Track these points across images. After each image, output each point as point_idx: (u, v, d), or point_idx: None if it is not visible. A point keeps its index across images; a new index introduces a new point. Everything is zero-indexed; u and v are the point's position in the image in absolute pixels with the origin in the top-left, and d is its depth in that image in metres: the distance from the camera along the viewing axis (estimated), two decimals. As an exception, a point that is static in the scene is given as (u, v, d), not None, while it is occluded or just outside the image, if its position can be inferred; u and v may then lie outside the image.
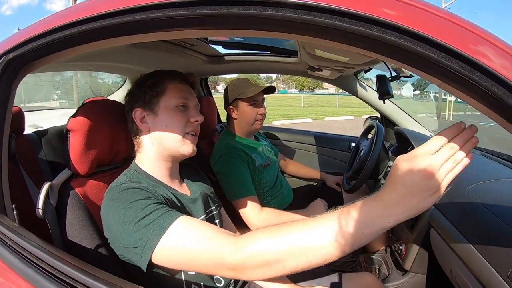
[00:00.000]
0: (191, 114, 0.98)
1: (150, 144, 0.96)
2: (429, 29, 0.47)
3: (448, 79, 0.52)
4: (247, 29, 0.58)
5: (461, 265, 0.93)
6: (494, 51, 0.47)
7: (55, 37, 0.71)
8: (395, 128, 1.98)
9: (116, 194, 0.83)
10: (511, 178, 1.08)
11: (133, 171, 0.95)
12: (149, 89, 0.96)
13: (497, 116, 0.51)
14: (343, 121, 14.86)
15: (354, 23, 0.48)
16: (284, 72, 2.18)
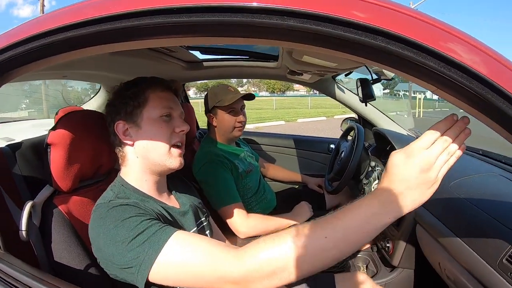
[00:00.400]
0: (176, 124, 0.94)
1: (135, 157, 0.92)
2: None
3: (442, 86, 0.54)
4: (247, 37, 0.57)
5: (450, 258, 0.97)
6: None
7: (36, 45, 0.65)
8: (374, 129, 2.04)
9: (105, 213, 0.78)
10: (491, 173, 1.14)
11: (119, 186, 0.91)
12: (130, 100, 0.91)
13: (493, 123, 0.54)
14: (316, 122, 15.14)
15: (359, 34, 0.49)
16: (263, 77, 2.19)
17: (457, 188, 1.09)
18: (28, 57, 0.69)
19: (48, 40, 0.63)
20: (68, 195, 0.95)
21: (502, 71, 0.50)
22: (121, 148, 0.94)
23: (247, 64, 1.93)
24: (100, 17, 0.57)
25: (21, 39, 0.65)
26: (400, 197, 0.59)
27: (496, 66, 0.50)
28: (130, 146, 0.92)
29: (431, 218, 1.10)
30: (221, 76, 2.11)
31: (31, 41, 0.65)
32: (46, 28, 0.62)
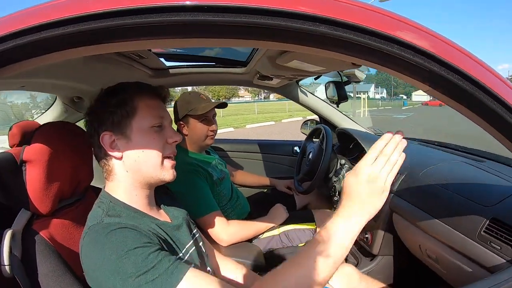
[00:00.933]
0: (168, 134, 0.87)
1: (125, 171, 0.84)
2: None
3: (436, 85, 0.62)
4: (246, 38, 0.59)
5: (430, 239, 1.07)
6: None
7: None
8: (338, 129, 2.17)
9: (103, 238, 0.70)
10: (452, 160, 1.29)
11: (108, 203, 0.82)
12: (117, 109, 0.82)
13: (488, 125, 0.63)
14: (265, 127, 15.41)
15: (374, 40, 0.55)
16: (229, 83, 2.20)
17: (427, 176, 1.21)
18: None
19: (5, 46, 0.56)
20: (48, 219, 0.86)
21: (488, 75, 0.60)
22: (106, 161, 0.84)
23: (214, 71, 1.92)
24: (63, 19, 0.53)
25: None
26: (359, 208, 0.68)
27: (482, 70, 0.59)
28: (118, 159, 0.83)
29: (407, 205, 1.21)
30: (187, 83, 2.08)
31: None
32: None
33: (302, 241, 1.72)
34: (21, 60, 0.61)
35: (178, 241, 0.89)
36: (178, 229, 0.92)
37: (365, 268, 1.45)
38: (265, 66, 1.38)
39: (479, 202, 0.93)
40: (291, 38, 0.57)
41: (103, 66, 1.28)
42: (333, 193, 1.93)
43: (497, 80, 0.60)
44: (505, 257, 0.77)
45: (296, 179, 2.09)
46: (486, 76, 0.59)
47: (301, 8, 0.53)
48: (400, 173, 1.34)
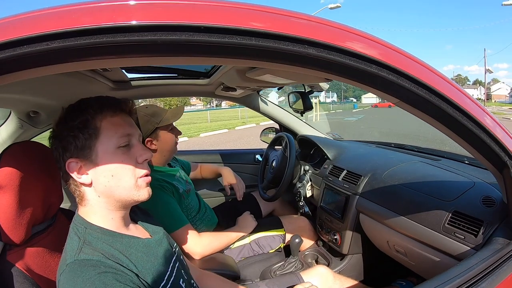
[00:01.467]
0: (138, 153, 0.80)
1: (97, 197, 0.78)
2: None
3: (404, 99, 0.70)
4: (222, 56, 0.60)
5: (397, 234, 1.17)
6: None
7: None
8: (299, 136, 2.25)
9: (81, 284, 0.66)
10: (411, 161, 1.41)
11: (83, 229, 0.76)
12: (79, 132, 0.75)
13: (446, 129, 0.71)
14: (219, 135, 15.35)
15: (345, 58, 0.60)
16: (191, 94, 2.18)
17: (389, 177, 1.31)
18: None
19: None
20: (22, 248, 0.80)
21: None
22: (77, 187, 0.79)
23: (177, 82, 1.90)
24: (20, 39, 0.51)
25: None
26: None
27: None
28: (88, 186, 0.77)
29: (373, 205, 1.30)
30: (149, 95, 2.02)
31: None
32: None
33: (273, 247, 1.76)
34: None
35: (164, 257, 0.86)
36: (160, 244, 0.90)
37: (336, 267, 1.52)
38: (232, 78, 1.40)
39: (441, 198, 1.04)
40: (258, 55, 0.59)
41: (62, 79, 1.21)
42: (298, 199, 2.00)
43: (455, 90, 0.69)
44: (469, 244, 0.88)
45: (261, 187, 2.13)
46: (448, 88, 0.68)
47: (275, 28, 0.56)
48: (363, 176, 1.44)
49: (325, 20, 0.61)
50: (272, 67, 0.68)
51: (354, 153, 1.76)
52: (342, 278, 1.32)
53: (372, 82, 0.67)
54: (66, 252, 0.73)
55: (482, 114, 0.70)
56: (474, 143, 0.72)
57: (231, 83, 1.55)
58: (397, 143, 1.77)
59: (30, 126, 1.49)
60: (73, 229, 0.78)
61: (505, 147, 0.70)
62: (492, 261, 0.70)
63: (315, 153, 2.18)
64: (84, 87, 1.40)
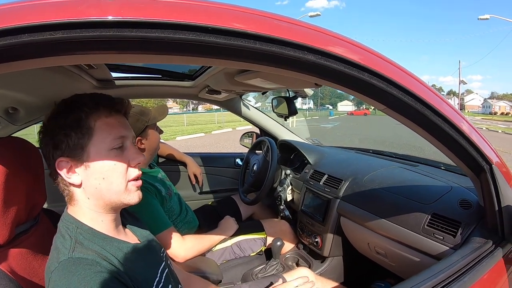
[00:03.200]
0: (131, 156, 0.79)
1: (86, 198, 0.76)
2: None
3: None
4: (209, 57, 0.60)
5: (378, 236, 1.21)
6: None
7: None
8: (280, 141, 2.29)
9: (76, 283, 0.64)
10: (390, 166, 1.47)
11: (74, 228, 0.74)
12: (71, 131, 0.73)
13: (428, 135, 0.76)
14: (195, 139, 15.19)
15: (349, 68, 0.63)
16: (174, 96, 2.16)
17: (370, 181, 1.37)
18: None
19: None
20: (5, 249, 0.76)
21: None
22: (66, 186, 0.76)
23: (161, 84, 1.88)
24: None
25: None
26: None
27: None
28: (78, 186, 0.75)
29: (354, 208, 1.34)
30: (132, 95, 1.98)
31: None
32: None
33: (254, 250, 1.77)
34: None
35: (152, 263, 0.85)
36: (149, 249, 0.88)
37: (317, 270, 1.55)
38: (219, 81, 1.41)
39: (420, 201, 1.09)
40: (251, 58, 0.61)
41: (46, 74, 1.17)
42: (279, 202, 2.03)
43: (437, 98, 0.74)
44: (448, 244, 0.93)
45: (241, 190, 2.14)
46: (430, 96, 0.73)
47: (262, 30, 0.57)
48: (344, 180, 1.49)
49: (324, 30, 0.64)
50: (265, 70, 0.69)
51: (334, 158, 1.81)
52: (324, 280, 1.35)
53: (362, 89, 0.71)
54: (58, 249, 0.71)
55: (460, 120, 0.75)
56: (453, 148, 0.78)
57: (217, 86, 1.56)
58: (376, 149, 1.84)
59: (8, 123, 1.43)
60: (63, 227, 0.75)
61: (482, 153, 0.76)
62: (471, 258, 0.75)
63: (295, 157, 2.21)
64: (67, 84, 1.35)
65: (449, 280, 0.69)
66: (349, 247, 1.46)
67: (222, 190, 2.50)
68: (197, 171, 2.31)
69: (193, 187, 2.41)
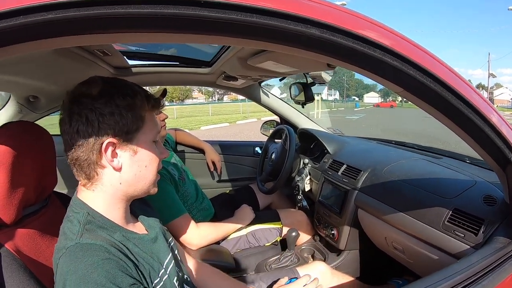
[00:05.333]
0: (161, 150, 0.81)
1: (117, 184, 0.74)
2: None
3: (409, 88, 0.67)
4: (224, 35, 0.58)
5: (396, 231, 1.15)
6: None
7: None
8: (299, 129, 2.23)
9: (83, 269, 0.63)
10: (412, 158, 1.39)
11: (84, 214, 0.72)
12: (128, 113, 0.71)
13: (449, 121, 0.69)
14: (220, 129, 15.32)
15: (348, 40, 0.57)
16: (191, 83, 2.15)
17: (390, 172, 1.29)
18: None
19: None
20: (13, 229, 0.78)
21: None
22: (94, 169, 0.72)
23: (178, 71, 1.87)
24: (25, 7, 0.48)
25: None
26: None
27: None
28: (115, 172, 0.73)
29: (373, 201, 1.28)
30: (149, 83, 2.00)
31: None
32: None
33: (269, 240, 1.74)
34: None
35: (158, 255, 0.84)
36: (155, 241, 0.86)
37: (332, 263, 1.50)
38: (234, 66, 1.37)
39: (441, 195, 1.01)
40: (263, 35, 0.57)
41: (62, 61, 1.19)
42: (296, 192, 1.98)
43: (463, 83, 0.67)
44: (469, 243, 0.85)
45: (259, 179, 2.11)
46: (454, 79, 0.65)
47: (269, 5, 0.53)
48: (363, 171, 1.42)
49: (333, 4, 0.59)
50: (275, 49, 0.65)
51: (354, 148, 1.74)
52: (340, 275, 1.30)
53: (375, 68, 0.65)
54: (66, 235, 0.70)
55: (490, 111, 0.68)
56: (478, 138, 0.70)
57: (232, 71, 1.53)
58: (398, 140, 1.75)
59: (30, 111, 1.48)
60: (71, 212, 0.74)
61: (510, 144, 0.67)
62: (493, 260, 0.68)
63: (315, 147, 2.15)
64: (84, 71, 1.38)
65: (467, 282, 0.63)
66: (366, 240, 1.40)
67: (240, 179, 2.49)
68: (216, 158, 2.30)
69: (211, 174, 2.41)
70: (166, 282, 0.80)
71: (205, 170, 2.38)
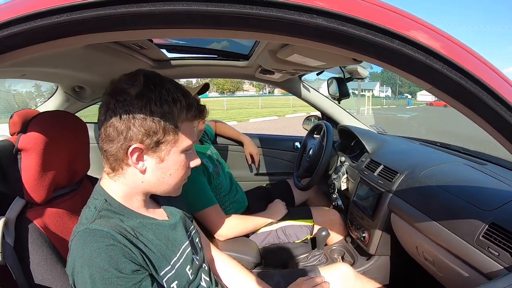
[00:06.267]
0: (192, 158, 0.81)
1: (140, 182, 0.77)
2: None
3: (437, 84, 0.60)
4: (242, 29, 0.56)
5: (427, 241, 1.06)
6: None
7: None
8: (340, 126, 2.14)
9: (88, 253, 0.66)
10: (454, 162, 1.26)
11: (102, 201, 0.76)
12: (160, 123, 0.70)
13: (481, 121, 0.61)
14: (268, 122, 15.37)
15: (361, 30, 0.53)
16: (230, 76, 2.17)
17: (428, 177, 1.19)
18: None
19: (13, 31, 0.54)
20: (42, 208, 0.85)
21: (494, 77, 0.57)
22: (121, 163, 0.74)
23: (216, 64, 1.90)
24: (70, 5, 0.51)
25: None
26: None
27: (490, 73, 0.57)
28: (138, 172, 0.75)
29: (406, 206, 1.19)
30: (189, 75, 2.06)
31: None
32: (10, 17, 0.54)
33: (299, 237, 1.71)
34: (17, 48, 0.59)
35: (174, 242, 0.86)
36: (174, 228, 0.89)
37: (361, 267, 1.44)
38: (267, 60, 1.36)
39: (479, 206, 0.91)
40: (286, 30, 0.55)
41: (103, 56, 1.27)
42: (332, 191, 1.92)
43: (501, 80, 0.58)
44: (503, 263, 0.75)
45: (296, 175, 2.08)
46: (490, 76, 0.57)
47: None
48: (399, 173, 1.32)
49: None
50: (295, 43, 0.62)
51: (394, 148, 1.63)
52: (365, 279, 1.23)
53: (394, 61, 0.59)
54: (81, 220, 0.75)
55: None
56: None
57: (267, 65, 1.51)
58: (444, 142, 1.60)
59: (76, 100, 1.60)
60: (91, 198, 0.80)
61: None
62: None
63: (355, 145, 2.06)
64: (123, 64, 1.46)
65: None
66: (398, 247, 1.31)
67: (278, 173, 2.47)
68: (254, 151, 2.31)
69: (249, 167, 2.42)
70: (178, 270, 0.82)
71: (243, 163, 2.40)
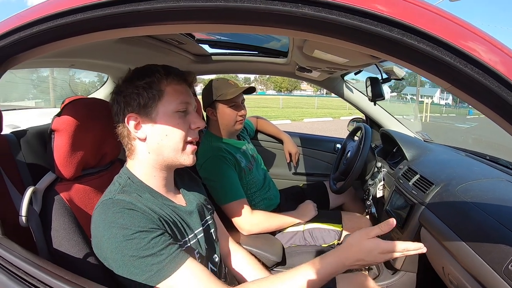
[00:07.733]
0: (192, 120, 0.89)
1: (147, 153, 0.87)
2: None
3: (457, 83, 0.53)
4: (257, 25, 0.56)
5: (454, 263, 0.95)
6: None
7: (42, 28, 0.65)
8: (381, 130, 2.02)
9: (111, 215, 0.76)
10: (498, 178, 1.12)
11: (126, 178, 0.86)
12: (144, 91, 0.84)
13: (502, 120, 0.53)
14: (322, 122, 15.04)
15: (375, 25, 0.48)
16: (271, 73, 2.17)
17: (464, 191, 1.07)
18: (34, 41, 0.68)
19: (56, 23, 0.62)
20: (70, 183, 0.94)
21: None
22: (129, 140, 0.88)
23: (256, 60, 1.91)
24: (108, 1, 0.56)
25: (28, 21, 0.65)
26: (356, 261, 0.79)
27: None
28: (142, 141, 0.86)
29: (437, 220, 1.08)
30: (229, 70, 2.10)
31: (38, 24, 0.64)
32: (54, 11, 0.61)
33: (326, 241, 1.66)
34: (53, 41, 0.68)
35: (188, 225, 0.91)
36: (190, 214, 0.94)
37: (385, 281, 1.35)
38: (298, 57, 1.33)
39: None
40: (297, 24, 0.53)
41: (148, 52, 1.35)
42: (366, 197, 1.82)
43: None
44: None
45: (332, 177, 2.01)
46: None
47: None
48: (435, 184, 1.21)
49: None
50: (311, 38, 0.60)
51: (435, 157, 1.49)
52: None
53: (408, 57, 0.53)
54: (105, 193, 0.85)
55: None
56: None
57: (301, 62, 1.48)
58: (493, 156, 1.42)
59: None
60: (117, 177, 0.89)
61: None
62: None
63: (397, 151, 1.92)
64: (167, 58, 1.54)
65: None
66: (427, 265, 1.20)
67: (316, 174, 2.42)
68: (293, 150, 2.29)
69: (288, 166, 2.40)
70: (188, 251, 0.85)
71: (282, 161, 2.39)
